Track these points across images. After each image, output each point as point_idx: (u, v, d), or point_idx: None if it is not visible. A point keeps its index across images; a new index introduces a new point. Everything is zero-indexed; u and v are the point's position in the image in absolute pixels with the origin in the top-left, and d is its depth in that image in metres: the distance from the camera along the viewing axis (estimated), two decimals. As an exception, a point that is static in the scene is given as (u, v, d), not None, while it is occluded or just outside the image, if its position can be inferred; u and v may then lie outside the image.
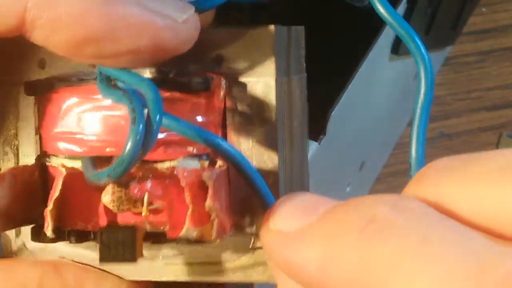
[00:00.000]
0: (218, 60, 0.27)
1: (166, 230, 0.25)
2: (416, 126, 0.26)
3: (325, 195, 0.22)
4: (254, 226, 0.26)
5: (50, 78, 0.28)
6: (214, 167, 0.26)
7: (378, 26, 0.41)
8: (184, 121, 0.25)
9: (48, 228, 0.26)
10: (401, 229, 0.18)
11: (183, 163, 0.25)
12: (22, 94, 0.28)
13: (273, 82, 0.26)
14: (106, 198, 0.26)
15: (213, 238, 0.24)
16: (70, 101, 0.27)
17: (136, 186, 0.25)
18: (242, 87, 0.26)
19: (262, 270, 0.27)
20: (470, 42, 0.64)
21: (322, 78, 0.34)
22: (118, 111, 0.26)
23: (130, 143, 0.22)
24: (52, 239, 0.26)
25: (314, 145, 0.40)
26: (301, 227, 0.21)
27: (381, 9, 0.27)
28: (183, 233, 0.24)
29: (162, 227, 0.26)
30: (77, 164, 0.27)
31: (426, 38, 0.50)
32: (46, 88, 0.28)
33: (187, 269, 0.28)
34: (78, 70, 0.27)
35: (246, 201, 0.26)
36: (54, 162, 0.27)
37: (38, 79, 0.28)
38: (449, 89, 0.63)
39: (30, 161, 0.28)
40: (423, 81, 0.26)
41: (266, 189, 0.25)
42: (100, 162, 0.26)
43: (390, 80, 0.53)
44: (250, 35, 0.26)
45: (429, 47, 0.27)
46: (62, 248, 0.28)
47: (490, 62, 0.64)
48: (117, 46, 0.23)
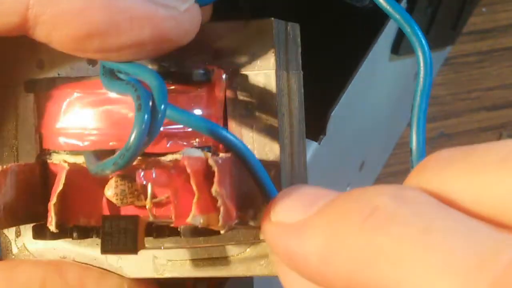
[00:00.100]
0: (218, 53, 0.27)
1: (170, 222, 0.25)
2: (415, 114, 0.26)
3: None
4: (257, 220, 0.26)
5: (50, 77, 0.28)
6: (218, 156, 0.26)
7: (378, 26, 0.41)
8: (188, 111, 0.25)
9: (51, 222, 0.25)
10: (403, 218, 0.18)
11: (188, 152, 0.25)
12: (21, 95, 0.28)
13: (273, 74, 0.26)
14: (110, 191, 0.26)
15: (220, 224, 0.24)
16: (71, 96, 0.27)
17: (141, 173, 0.24)
18: (243, 80, 0.26)
19: (264, 264, 0.27)
20: (470, 42, 0.63)
21: (322, 78, 0.34)
22: (120, 105, 0.26)
23: (136, 130, 0.22)
24: (54, 236, 0.26)
25: (314, 145, 0.40)
26: (303, 218, 0.21)
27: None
28: (190, 220, 0.24)
29: (166, 220, 0.26)
30: (79, 159, 0.27)
31: (426, 38, 0.49)
32: (46, 85, 0.28)
33: (190, 265, 0.28)
34: (77, 69, 0.27)
35: (249, 195, 0.26)
36: (56, 159, 0.27)
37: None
38: (449, 89, 0.63)
39: (30, 161, 0.28)
40: (422, 68, 0.26)
41: (269, 180, 0.25)
42: (102, 157, 0.25)
43: (390, 80, 0.53)
44: (249, 28, 0.26)
45: (429, 47, 0.27)
46: (63, 247, 0.28)
47: (490, 62, 0.64)
48: (120, 39, 0.23)
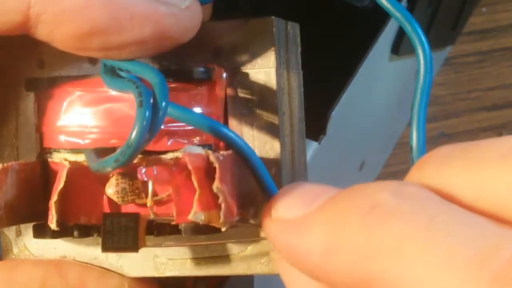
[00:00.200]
0: (218, 52, 0.27)
1: (171, 220, 0.25)
2: (416, 112, 0.26)
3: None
4: (258, 218, 0.26)
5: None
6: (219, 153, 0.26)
7: (378, 26, 0.41)
8: (189, 109, 0.25)
9: (52, 220, 0.25)
10: (404, 214, 0.18)
11: (189, 149, 0.25)
12: (21, 94, 0.28)
13: (273, 72, 0.26)
14: (111, 190, 0.26)
15: (221, 221, 0.24)
16: (72, 94, 0.27)
17: (142, 169, 0.24)
18: (243, 78, 0.26)
19: (265, 263, 0.27)
20: (470, 42, 0.63)
21: (322, 78, 0.34)
22: (121, 103, 0.26)
23: (137, 126, 0.22)
24: (55, 234, 0.26)
25: (314, 145, 0.40)
26: (303, 214, 0.21)
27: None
28: (191, 216, 0.24)
29: (167, 218, 0.26)
30: (79, 158, 0.27)
31: (426, 38, 0.49)
32: (47, 83, 0.28)
33: (190, 263, 0.28)
34: (78, 68, 0.27)
35: (249, 193, 0.26)
36: (56, 157, 0.27)
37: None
38: (449, 89, 0.63)
39: (31, 160, 0.28)
40: (422, 64, 0.26)
41: (270, 178, 0.25)
42: (103, 155, 0.25)
43: (390, 80, 0.53)
44: (250, 26, 0.26)
45: (429, 46, 0.27)
46: (64, 247, 0.28)
47: (490, 62, 0.64)
48: (121, 37, 0.23)
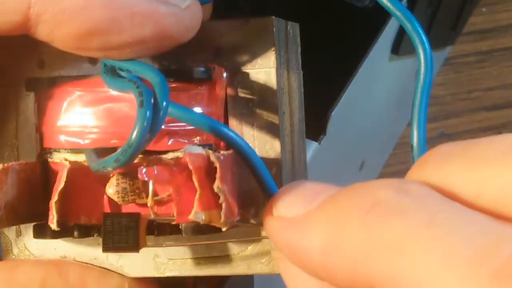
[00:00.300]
0: (219, 51, 0.27)
1: (171, 220, 0.25)
2: (416, 111, 0.25)
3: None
4: (258, 218, 0.26)
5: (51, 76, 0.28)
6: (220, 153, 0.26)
7: (378, 26, 0.41)
8: (189, 109, 0.25)
9: (53, 220, 0.25)
10: (405, 211, 0.18)
11: (189, 149, 0.25)
12: (21, 95, 0.28)
13: (273, 72, 0.26)
14: (111, 190, 0.26)
15: (221, 221, 0.24)
16: (72, 94, 0.27)
17: (143, 169, 0.24)
18: (243, 78, 0.26)
19: (265, 262, 0.27)
20: (470, 42, 0.63)
21: (322, 78, 0.34)
22: (121, 103, 0.26)
23: (138, 126, 0.22)
24: (55, 235, 0.26)
25: (314, 145, 0.40)
26: (304, 212, 0.21)
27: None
28: (192, 216, 0.24)
29: (167, 218, 0.26)
30: (80, 158, 0.27)
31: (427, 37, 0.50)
32: (47, 83, 0.28)
33: (191, 263, 0.28)
34: (78, 68, 0.27)
35: (250, 193, 0.26)
36: (56, 157, 0.27)
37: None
38: (449, 89, 0.63)
39: (31, 160, 0.28)
40: (422, 63, 0.26)
41: (270, 178, 0.25)
42: (103, 155, 0.25)
43: (390, 80, 0.53)
44: (250, 26, 0.26)
45: (429, 44, 0.27)
46: (64, 247, 0.28)
47: (490, 62, 0.64)
48: (121, 37, 0.23)
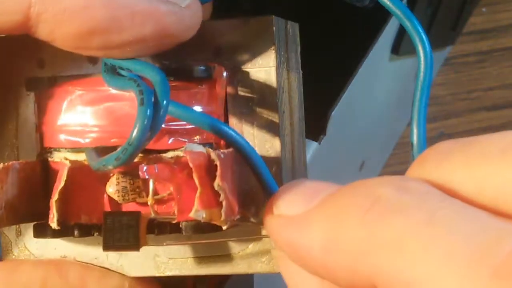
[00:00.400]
0: (219, 51, 0.27)
1: (172, 218, 0.25)
2: (416, 108, 0.25)
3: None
4: (259, 217, 0.26)
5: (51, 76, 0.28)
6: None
7: (378, 26, 0.41)
8: (189, 108, 0.25)
9: (53, 219, 0.25)
10: (405, 209, 0.18)
11: (190, 147, 0.25)
12: (21, 94, 0.28)
13: (273, 71, 0.26)
14: (111, 188, 0.26)
15: (222, 219, 0.24)
16: (72, 94, 0.27)
17: (143, 167, 0.24)
18: (243, 77, 0.26)
19: (266, 261, 0.27)
20: (470, 42, 0.63)
21: (322, 78, 0.34)
22: (121, 102, 0.26)
23: (138, 124, 0.22)
24: (55, 234, 0.26)
25: (314, 145, 0.40)
26: (304, 211, 0.21)
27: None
28: (192, 214, 0.24)
29: (168, 217, 0.26)
30: (80, 157, 0.27)
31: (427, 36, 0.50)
32: (47, 83, 0.28)
33: (191, 263, 0.28)
34: (78, 67, 0.27)
35: (250, 192, 0.26)
36: (57, 157, 0.27)
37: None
38: (449, 89, 0.63)
39: (31, 160, 0.28)
40: (422, 61, 0.26)
41: (270, 176, 0.25)
42: (103, 154, 0.25)
43: (390, 80, 0.53)
44: (250, 25, 0.26)
45: (429, 43, 0.27)
46: (64, 247, 0.28)
47: (490, 62, 0.64)
48: (122, 36, 0.23)
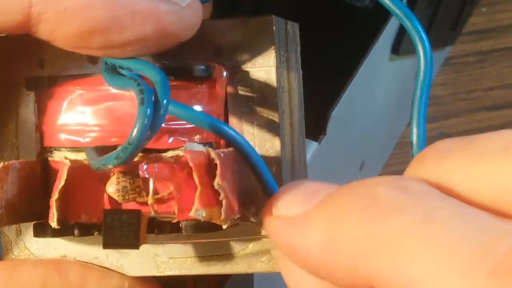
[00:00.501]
0: (219, 50, 0.27)
1: (172, 217, 0.25)
2: (416, 108, 0.25)
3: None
4: (259, 216, 0.26)
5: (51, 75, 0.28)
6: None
7: (378, 26, 0.41)
8: (189, 107, 0.25)
9: (53, 218, 0.25)
10: (403, 209, 0.18)
11: (190, 146, 0.25)
12: (21, 94, 0.28)
13: (273, 70, 0.26)
14: (111, 188, 0.26)
15: (222, 218, 0.24)
16: (72, 93, 0.27)
17: (144, 166, 0.24)
18: (243, 76, 0.27)
19: (266, 261, 0.27)
20: (470, 42, 0.63)
21: (322, 78, 0.34)
22: (121, 101, 0.26)
23: (138, 124, 0.22)
24: (55, 233, 0.26)
25: (314, 145, 0.40)
26: (303, 211, 0.21)
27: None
28: (192, 213, 0.24)
29: (168, 216, 0.26)
30: (80, 156, 0.27)
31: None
32: (47, 83, 0.28)
33: (191, 262, 0.28)
34: (78, 67, 0.27)
35: (250, 192, 0.26)
36: (57, 156, 0.27)
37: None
38: (449, 89, 0.63)
39: (31, 159, 0.28)
40: (422, 60, 0.26)
41: (270, 176, 0.25)
42: (103, 153, 0.25)
43: (390, 80, 0.53)
44: (250, 25, 0.26)
45: (429, 42, 0.27)
46: (64, 246, 0.28)
47: (490, 62, 0.64)
48: (122, 35, 0.23)
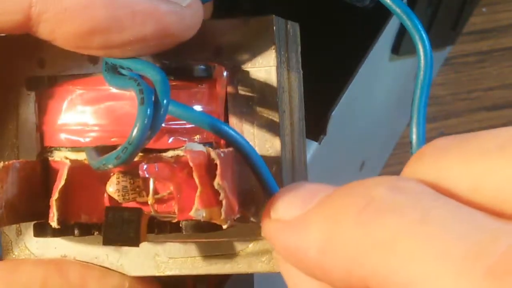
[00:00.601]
0: (219, 50, 0.27)
1: (172, 217, 0.25)
2: (416, 107, 0.25)
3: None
4: (259, 216, 0.26)
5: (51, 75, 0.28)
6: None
7: (378, 26, 0.41)
8: (190, 107, 0.25)
9: (53, 218, 0.25)
10: (399, 209, 0.18)
11: (190, 146, 0.25)
12: (21, 94, 0.28)
13: (274, 70, 0.26)
14: (111, 188, 0.26)
15: (222, 218, 0.24)
16: (73, 93, 0.27)
17: (144, 166, 0.24)
18: (244, 76, 0.27)
19: (266, 261, 0.27)
20: (470, 42, 0.63)
21: (322, 78, 0.34)
22: (122, 101, 0.26)
23: (138, 123, 0.22)
24: (55, 233, 0.26)
25: (314, 145, 0.40)
26: (300, 214, 0.21)
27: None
28: (193, 213, 0.24)
29: (168, 216, 0.26)
30: (80, 156, 0.27)
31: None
32: (47, 82, 0.28)
33: (191, 262, 0.28)
34: (78, 67, 0.27)
35: (250, 192, 0.26)
36: (57, 156, 0.27)
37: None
38: (449, 89, 0.63)
39: (31, 159, 0.28)
40: (422, 60, 0.26)
41: (270, 176, 0.25)
42: (103, 153, 0.25)
43: (390, 80, 0.53)
44: (250, 25, 0.26)
45: (429, 42, 0.27)
46: (64, 246, 0.28)
47: (490, 62, 0.64)
48: (123, 35, 0.23)
